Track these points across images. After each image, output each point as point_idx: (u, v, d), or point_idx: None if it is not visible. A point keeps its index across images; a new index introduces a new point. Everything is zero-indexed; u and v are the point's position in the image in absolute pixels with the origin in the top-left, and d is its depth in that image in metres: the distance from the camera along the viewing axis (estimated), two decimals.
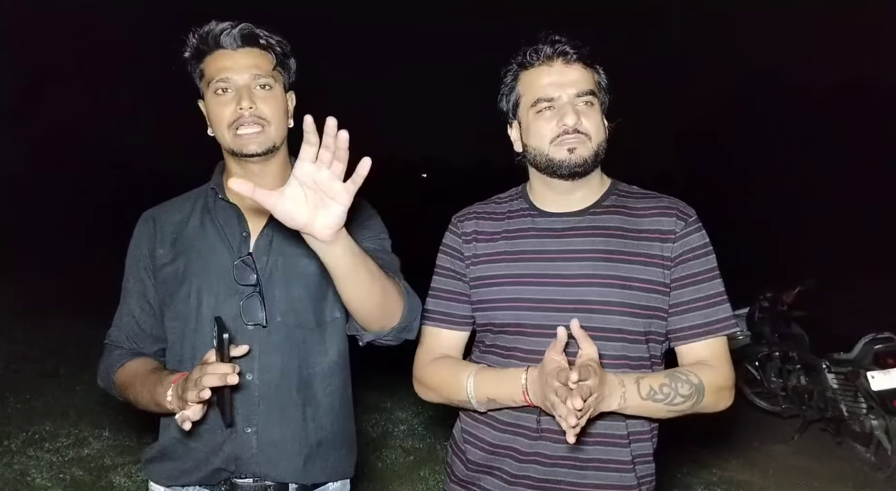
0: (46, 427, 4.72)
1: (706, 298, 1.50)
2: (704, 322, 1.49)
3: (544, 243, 1.54)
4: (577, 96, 1.48)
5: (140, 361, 1.56)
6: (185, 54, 1.55)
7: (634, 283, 1.47)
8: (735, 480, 4.32)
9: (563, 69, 1.49)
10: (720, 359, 1.50)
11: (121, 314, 1.63)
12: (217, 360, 1.30)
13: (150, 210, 1.66)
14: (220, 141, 1.56)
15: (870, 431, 4.41)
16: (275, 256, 1.55)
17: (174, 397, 1.36)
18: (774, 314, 5.30)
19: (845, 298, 8.31)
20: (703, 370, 1.46)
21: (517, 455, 1.51)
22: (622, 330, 1.47)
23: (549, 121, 1.49)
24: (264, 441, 1.52)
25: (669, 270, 1.49)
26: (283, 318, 1.54)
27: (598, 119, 1.51)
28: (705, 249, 1.52)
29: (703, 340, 1.50)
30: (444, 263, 1.65)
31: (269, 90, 1.53)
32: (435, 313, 1.64)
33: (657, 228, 1.50)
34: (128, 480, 3.97)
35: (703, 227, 1.53)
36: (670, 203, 1.55)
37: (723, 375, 1.48)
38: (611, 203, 1.56)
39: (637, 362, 1.49)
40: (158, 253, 1.58)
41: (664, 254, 1.49)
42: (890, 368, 4.24)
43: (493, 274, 1.56)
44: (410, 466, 4.40)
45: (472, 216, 1.65)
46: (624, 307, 1.47)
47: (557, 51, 1.49)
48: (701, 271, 1.50)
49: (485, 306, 1.57)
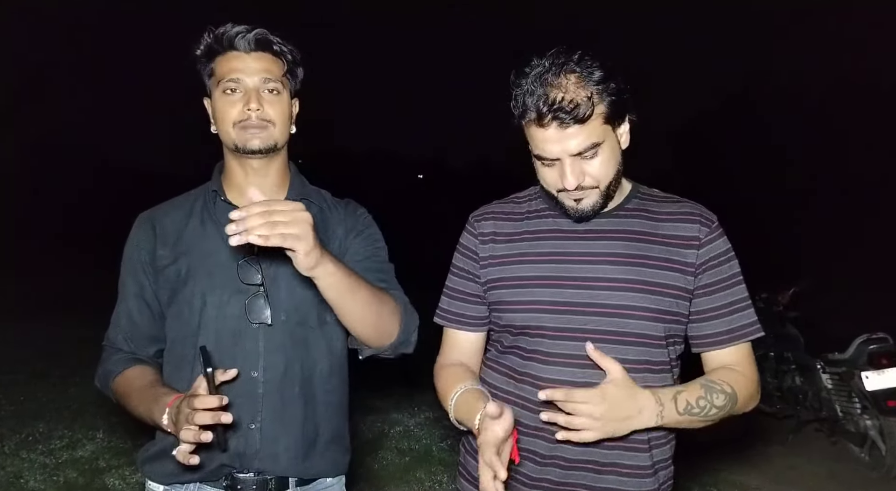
0: (40, 429, 4.70)
1: (731, 303, 1.50)
2: (730, 328, 1.51)
3: (566, 245, 1.52)
4: (577, 155, 1.39)
5: (138, 371, 1.57)
6: (198, 52, 1.57)
7: (656, 287, 1.46)
8: (730, 481, 4.33)
9: (559, 133, 1.38)
10: (747, 364, 1.53)
11: (118, 315, 1.63)
12: (207, 390, 1.32)
13: (146, 212, 1.66)
14: (222, 138, 1.57)
15: (864, 432, 4.42)
16: (279, 257, 1.55)
17: (170, 422, 1.39)
18: (770, 315, 5.30)
19: (840, 299, 8.35)
20: (734, 377, 1.49)
21: (537, 458, 1.51)
22: (644, 334, 1.46)
23: (552, 171, 1.44)
24: (267, 437, 1.54)
25: (693, 277, 1.48)
26: (288, 317, 1.56)
27: (606, 159, 1.42)
28: (729, 254, 1.50)
29: (729, 346, 1.51)
30: (459, 263, 1.64)
31: (276, 95, 1.55)
32: (449, 313, 1.66)
33: (680, 234, 1.49)
34: (122, 482, 3.96)
35: (724, 233, 1.52)
36: (692, 208, 1.53)
37: (752, 381, 1.53)
38: (633, 206, 1.54)
39: (659, 367, 1.49)
40: (159, 254, 1.58)
41: (687, 260, 1.47)
42: (884, 368, 4.25)
43: (514, 276, 1.54)
44: (406, 467, 4.40)
45: (489, 216, 1.63)
46: (645, 312, 1.45)
47: (550, 117, 1.36)
48: (726, 277, 1.49)
49: (504, 308, 1.55)
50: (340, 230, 1.65)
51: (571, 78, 1.37)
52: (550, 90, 1.37)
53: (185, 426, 1.30)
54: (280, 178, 1.64)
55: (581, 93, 1.36)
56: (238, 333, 1.53)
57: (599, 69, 1.38)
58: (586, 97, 1.36)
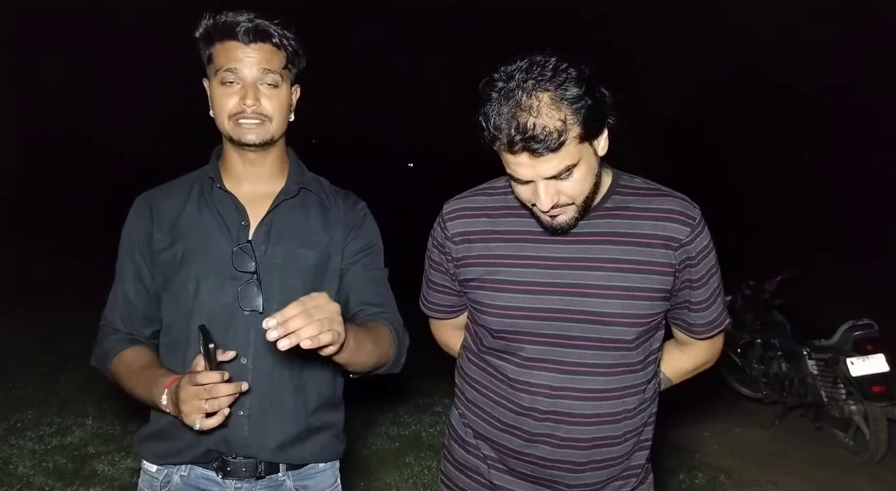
0: (29, 415, 4.69)
1: (708, 297, 1.53)
2: (707, 321, 1.57)
3: (542, 249, 1.48)
4: (552, 177, 1.32)
5: (135, 352, 1.58)
6: (196, 34, 1.54)
7: (633, 292, 1.44)
8: (716, 465, 4.38)
9: (532, 160, 1.29)
10: (715, 346, 1.68)
11: (115, 295, 1.64)
12: (206, 367, 1.34)
13: (144, 194, 1.66)
14: (219, 127, 1.57)
15: (849, 417, 4.47)
16: (273, 246, 1.57)
17: (170, 402, 1.40)
18: (756, 302, 5.35)
19: (826, 287, 8.42)
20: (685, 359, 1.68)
21: (511, 456, 1.56)
22: (620, 340, 1.46)
23: (525, 189, 1.38)
24: (256, 424, 1.54)
25: (672, 277, 1.46)
26: (280, 305, 1.54)
27: (582, 177, 1.35)
28: (706, 249, 1.49)
29: (705, 337, 1.61)
30: (434, 256, 1.64)
31: (275, 88, 1.53)
32: (432, 305, 1.71)
33: (659, 234, 1.45)
34: (111, 468, 3.96)
35: (706, 226, 1.48)
36: (674, 204, 1.47)
37: (713, 356, 1.70)
38: (612, 204, 1.48)
39: (637, 366, 1.51)
40: (156, 237, 1.59)
41: (669, 261, 1.45)
42: (869, 354, 4.29)
43: (490, 279, 1.51)
44: (395, 452, 4.42)
45: (459, 214, 1.57)
46: (622, 318, 1.44)
47: (520, 146, 1.27)
48: (705, 273, 1.50)
49: (481, 309, 1.54)
50: (339, 229, 1.63)
51: (544, 98, 1.26)
52: (521, 114, 1.25)
53: (195, 412, 1.33)
54: (278, 167, 1.64)
55: (555, 116, 1.25)
56: (230, 320, 1.53)
57: (575, 84, 1.26)
58: (560, 121, 1.25)
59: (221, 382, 1.32)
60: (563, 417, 1.48)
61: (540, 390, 1.48)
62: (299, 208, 1.62)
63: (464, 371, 1.67)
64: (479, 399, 1.61)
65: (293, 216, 1.61)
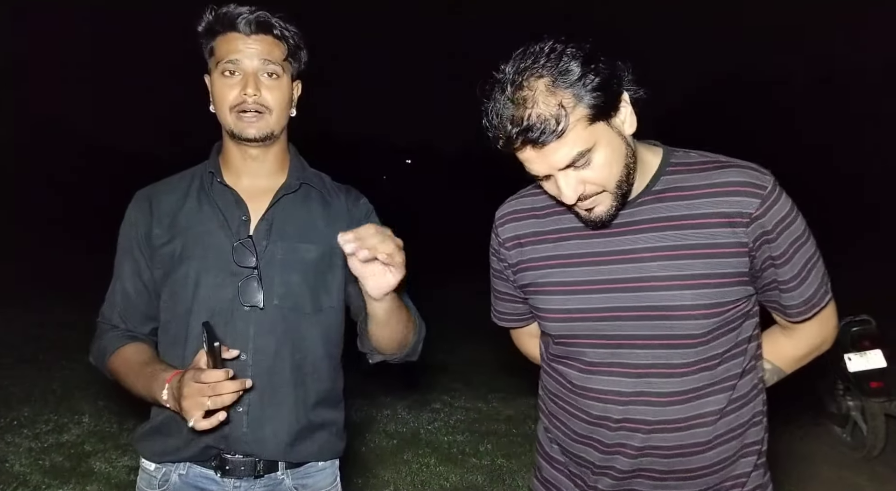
0: (25, 413, 4.68)
1: (798, 273, 1.33)
2: (803, 300, 1.37)
3: (591, 245, 1.37)
4: (567, 167, 1.23)
5: (134, 349, 1.56)
6: (198, 28, 1.54)
7: (701, 280, 1.29)
8: None
9: (537, 153, 1.22)
10: (826, 326, 1.45)
11: (113, 292, 1.63)
12: (209, 365, 1.33)
13: (144, 189, 1.65)
14: (220, 120, 1.56)
15: (846, 413, 4.48)
16: (274, 241, 1.56)
17: (170, 397, 1.39)
18: None
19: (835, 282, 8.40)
20: (787, 347, 1.49)
21: (594, 468, 1.44)
22: (692, 335, 1.31)
23: (549, 184, 1.30)
24: (254, 421, 1.53)
25: (747, 258, 1.29)
26: (280, 301, 1.55)
27: (605, 161, 1.24)
28: (788, 220, 1.30)
29: (805, 318, 1.40)
30: (494, 264, 1.59)
31: (276, 79, 1.53)
32: (503, 314, 1.67)
33: (724, 211, 1.28)
34: (108, 466, 3.94)
35: (783, 193, 1.30)
36: (738, 176, 1.30)
37: (827, 337, 1.48)
38: (662, 186, 1.34)
39: (716, 360, 1.34)
40: (155, 233, 1.58)
41: (738, 240, 1.28)
42: (866, 350, 4.30)
43: (541, 282, 1.43)
44: (394, 450, 4.42)
45: (509, 219, 1.50)
46: (693, 310, 1.29)
47: (519, 141, 1.21)
48: (788, 247, 1.31)
49: (539, 315, 1.47)
50: (343, 223, 1.61)
51: (540, 85, 1.19)
52: (516, 108, 1.19)
53: (196, 408, 1.30)
54: (279, 163, 1.63)
55: (551, 102, 1.18)
56: (230, 315, 1.52)
57: (573, 62, 1.19)
58: (557, 106, 1.18)
59: (226, 379, 1.31)
60: (639, 425, 1.34)
61: (609, 397, 1.36)
62: (300, 203, 1.61)
63: (542, 381, 1.57)
64: (556, 411, 1.50)
65: (294, 211, 1.60)
